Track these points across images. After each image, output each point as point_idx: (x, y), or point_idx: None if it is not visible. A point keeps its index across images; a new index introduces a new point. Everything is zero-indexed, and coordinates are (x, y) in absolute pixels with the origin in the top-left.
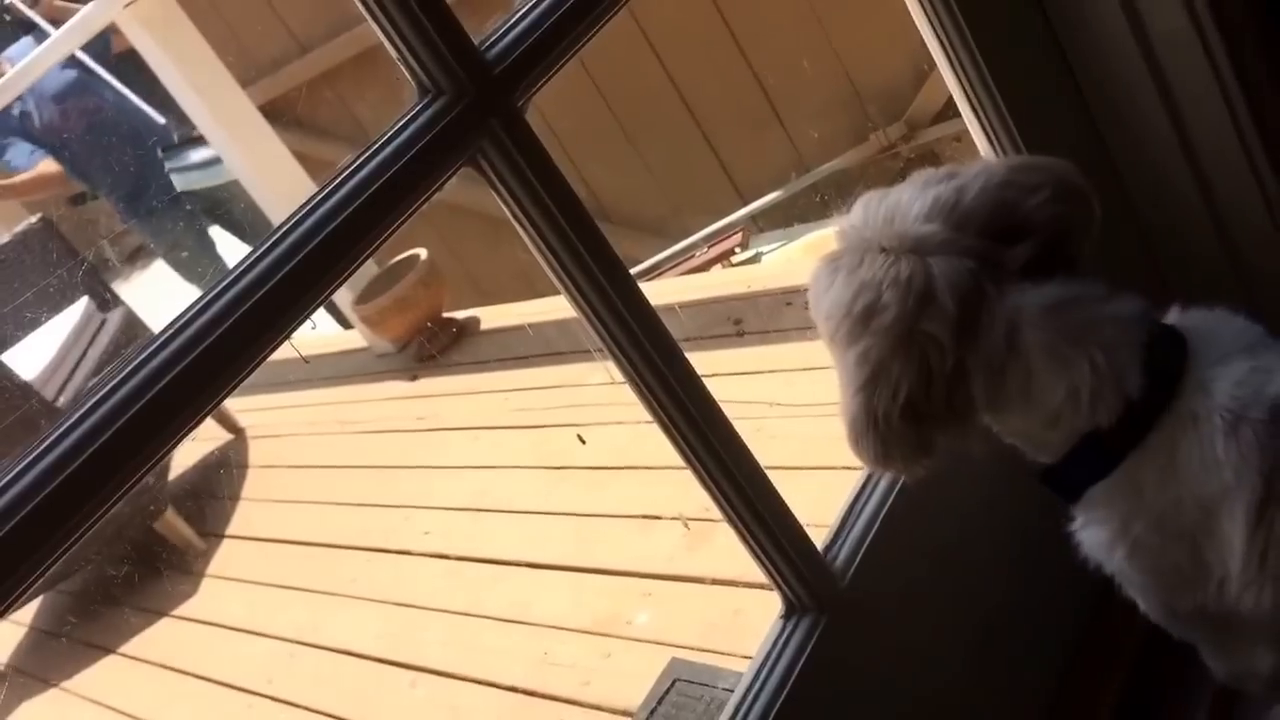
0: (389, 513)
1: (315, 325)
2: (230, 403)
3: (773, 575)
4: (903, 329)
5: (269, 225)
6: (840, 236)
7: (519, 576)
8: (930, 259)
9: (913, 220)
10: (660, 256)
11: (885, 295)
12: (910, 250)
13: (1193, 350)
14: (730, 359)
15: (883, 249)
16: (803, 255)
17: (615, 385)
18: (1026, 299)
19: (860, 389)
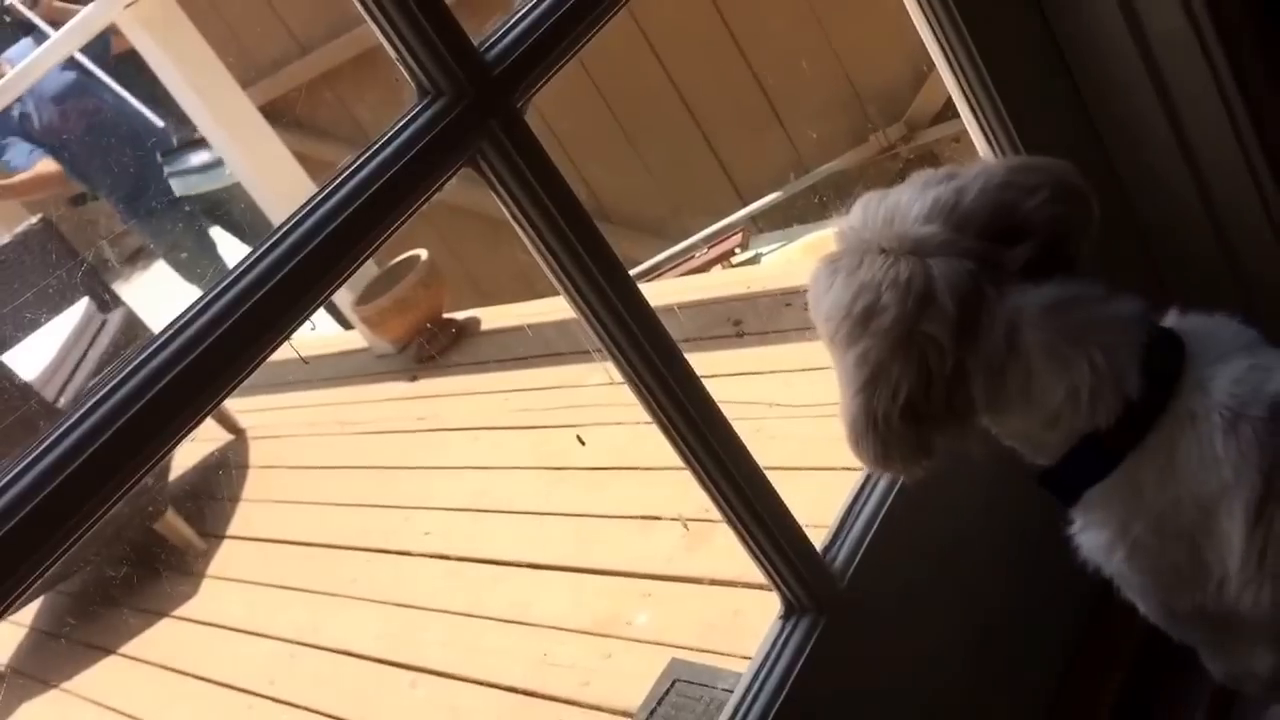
0: (389, 513)
1: (315, 326)
2: (231, 403)
3: (772, 576)
4: (902, 330)
5: (269, 226)
6: (839, 238)
7: (519, 577)
8: (930, 260)
9: (912, 221)
10: (660, 257)
11: (885, 296)
12: (910, 251)
13: (1190, 352)
14: (730, 359)
15: (882, 250)
16: (802, 256)
17: (615, 386)
18: (1026, 299)
19: (860, 390)
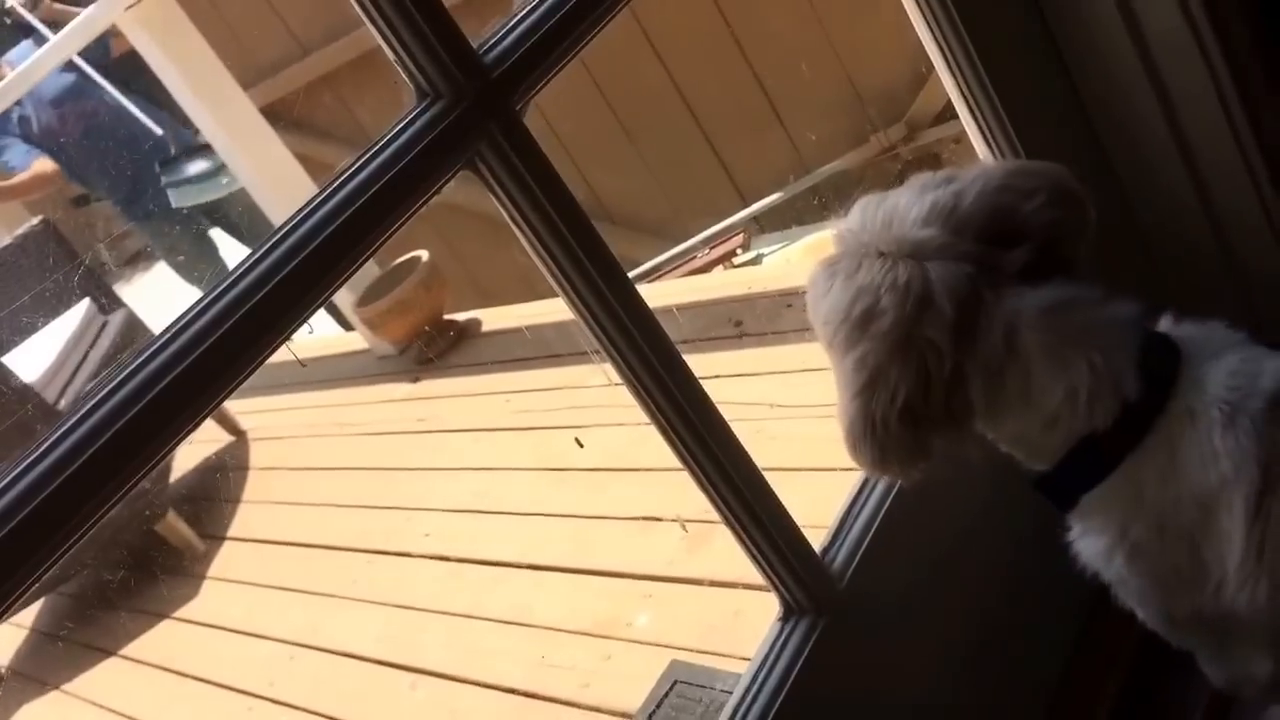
0: (389, 514)
1: (312, 329)
2: (231, 405)
3: (770, 577)
4: (901, 334)
5: (270, 227)
6: (838, 241)
7: (519, 578)
8: (928, 264)
9: (910, 225)
10: (662, 258)
11: (883, 300)
12: (908, 255)
13: (1185, 354)
14: (730, 360)
15: (880, 253)
16: (802, 257)
17: (615, 387)
18: (1024, 302)
19: (858, 393)
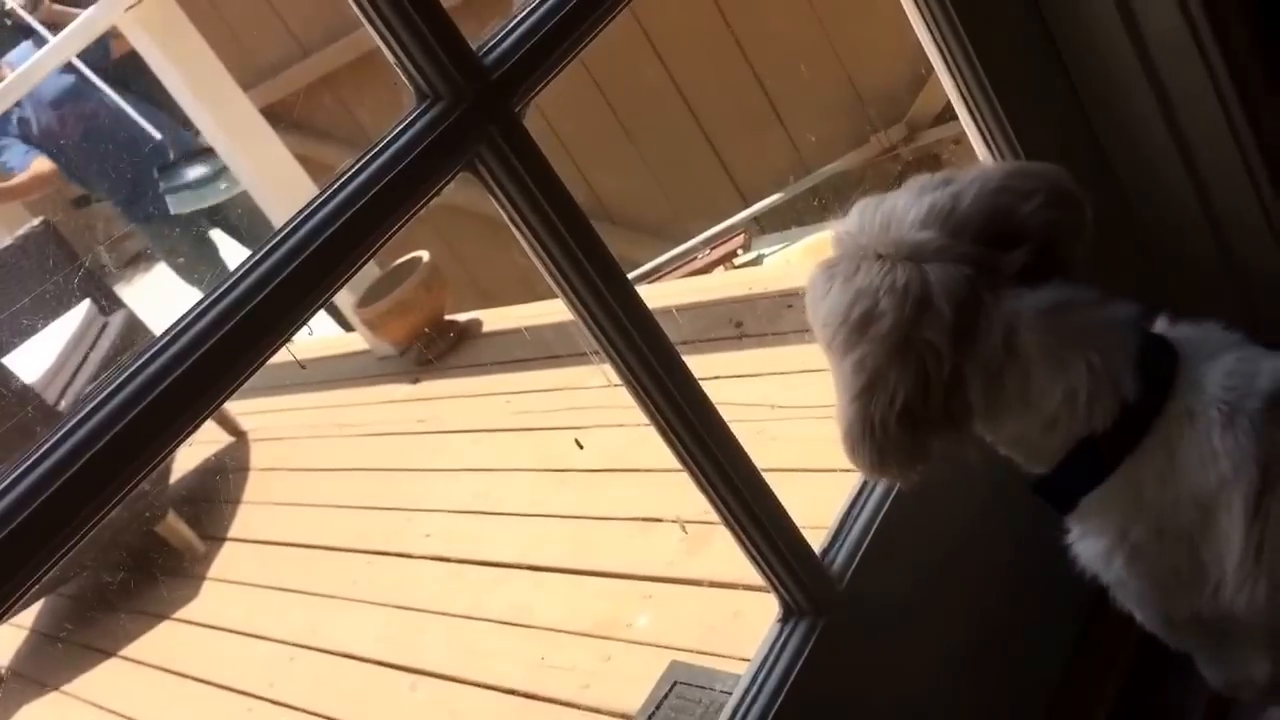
0: (390, 515)
1: (311, 331)
2: (232, 405)
3: (769, 578)
4: (900, 336)
5: (271, 228)
6: (836, 243)
7: (519, 579)
8: (927, 266)
9: (909, 227)
10: (663, 258)
11: (882, 302)
12: (907, 257)
13: (1182, 355)
14: (730, 361)
15: (879, 256)
16: (803, 257)
17: (615, 388)
18: (1023, 304)
19: (857, 396)
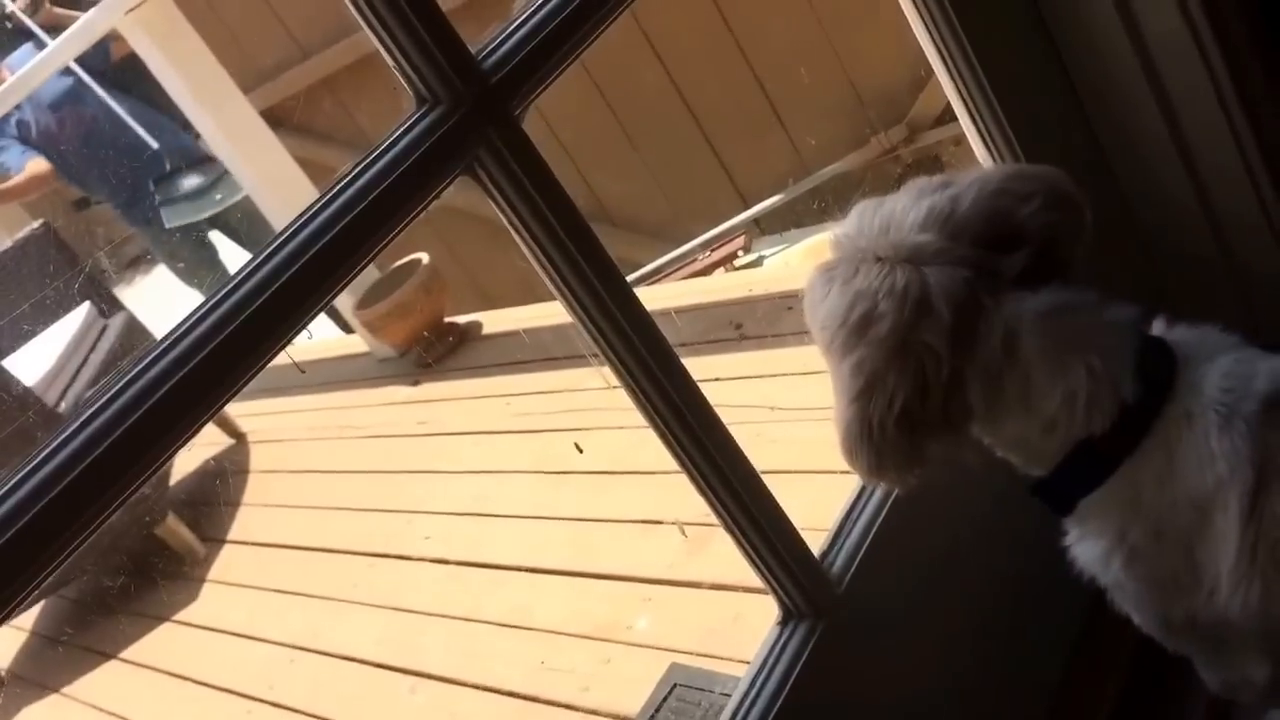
0: (390, 518)
1: (311, 335)
2: (232, 408)
3: (769, 581)
4: (898, 339)
5: (271, 231)
6: (835, 245)
7: (519, 582)
8: (926, 268)
9: (908, 230)
10: (663, 260)
11: (881, 305)
12: (906, 260)
13: (1180, 358)
14: (730, 363)
15: (878, 258)
16: (803, 259)
17: (614, 390)
18: (1023, 306)
19: (855, 398)
